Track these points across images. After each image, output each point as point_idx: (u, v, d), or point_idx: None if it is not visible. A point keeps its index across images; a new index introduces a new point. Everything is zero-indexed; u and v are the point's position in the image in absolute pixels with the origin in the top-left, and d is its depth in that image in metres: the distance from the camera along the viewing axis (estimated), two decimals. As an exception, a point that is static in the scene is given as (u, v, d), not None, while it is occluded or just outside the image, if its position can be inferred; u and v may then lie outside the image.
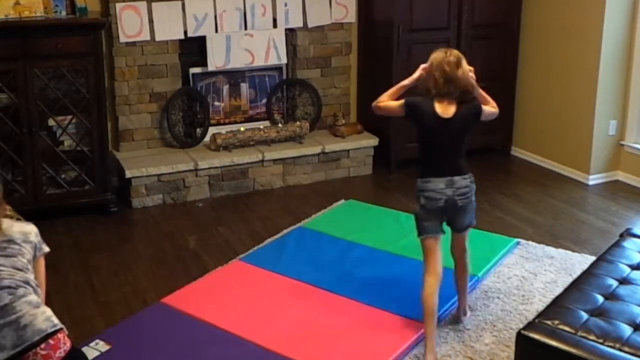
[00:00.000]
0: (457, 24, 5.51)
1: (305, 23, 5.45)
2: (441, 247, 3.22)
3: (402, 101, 3.21)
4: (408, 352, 3.19)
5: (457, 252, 3.36)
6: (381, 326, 3.35)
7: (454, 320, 3.44)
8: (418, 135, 3.24)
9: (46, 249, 2.49)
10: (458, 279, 3.41)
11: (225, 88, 5.46)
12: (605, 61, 5.14)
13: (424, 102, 3.14)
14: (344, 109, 5.74)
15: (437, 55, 3.14)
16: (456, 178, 3.15)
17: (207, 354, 3.15)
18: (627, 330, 2.54)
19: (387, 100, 3.26)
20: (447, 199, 3.14)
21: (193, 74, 5.30)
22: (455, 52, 3.16)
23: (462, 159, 3.22)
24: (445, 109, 3.11)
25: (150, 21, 4.97)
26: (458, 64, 3.08)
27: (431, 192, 3.14)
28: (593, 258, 3.54)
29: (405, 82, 3.28)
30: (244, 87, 5.52)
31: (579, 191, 5.20)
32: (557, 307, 2.70)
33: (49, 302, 3.54)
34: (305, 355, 3.13)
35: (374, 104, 3.31)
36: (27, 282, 2.27)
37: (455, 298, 3.58)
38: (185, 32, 5.09)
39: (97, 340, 3.19)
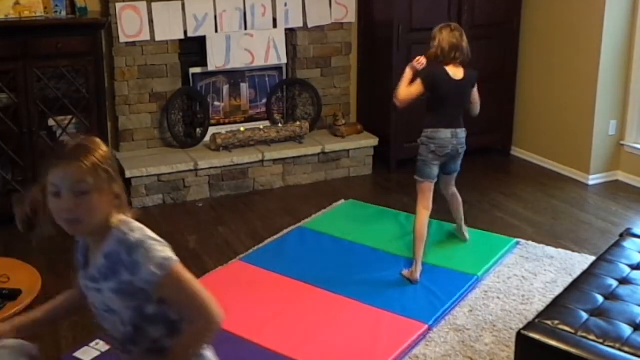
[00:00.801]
0: (457, 23, 5.50)
1: (305, 23, 5.45)
2: (432, 190, 3.89)
3: (418, 81, 3.72)
4: (408, 352, 3.19)
5: (449, 189, 4.08)
6: (381, 326, 3.35)
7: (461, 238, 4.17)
8: (432, 95, 3.78)
9: None
10: (454, 208, 4.15)
11: (225, 88, 5.46)
12: (605, 61, 5.14)
13: (437, 70, 3.72)
14: (344, 109, 5.74)
15: (444, 31, 3.73)
16: (458, 130, 3.82)
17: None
18: (627, 330, 2.54)
19: (405, 89, 3.76)
20: (452, 147, 3.80)
21: (193, 74, 5.30)
22: (457, 25, 3.81)
23: (462, 115, 3.85)
24: (455, 72, 3.73)
25: (150, 21, 4.97)
26: (462, 35, 3.74)
27: (440, 141, 3.78)
28: (593, 258, 3.54)
29: (408, 71, 3.78)
30: (244, 87, 5.52)
31: (579, 191, 5.20)
32: (557, 307, 2.70)
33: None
34: (305, 355, 3.13)
35: (396, 100, 3.81)
36: None
37: (455, 298, 3.59)
38: (185, 32, 5.09)
39: (97, 340, 3.20)
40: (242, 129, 5.30)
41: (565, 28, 5.39)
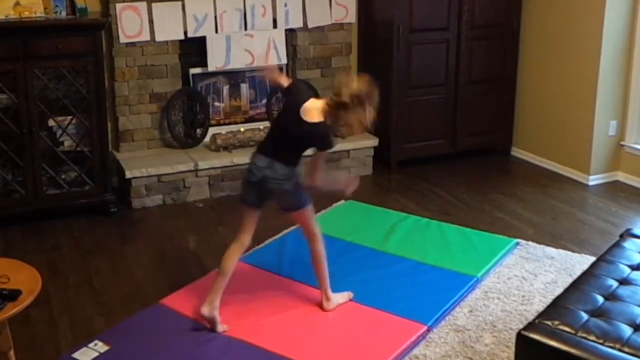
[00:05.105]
0: (457, 24, 5.51)
1: (305, 23, 5.45)
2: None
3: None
4: (408, 352, 3.19)
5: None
6: (381, 326, 3.34)
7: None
8: None
9: None
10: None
11: (225, 88, 5.46)
12: (606, 61, 5.14)
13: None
14: (344, 109, 5.73)
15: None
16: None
17: (206, 355, 3.15)
18: (627, 330, 2.54)
19: None
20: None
21: (193, 75, 5.30)
22: None
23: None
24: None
25: (150, 21, 4.97)
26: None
27: None
28: (593, 258, 3.54)
29: None
30: (244, 87, 5.52)
31: (579, 192, 5.20)
32: (557, 307, 2.70)
33: (49, 303, 3.57)
34: (305, 355, 3.13)
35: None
36: None
37: (454, 299, 3.59)
38: (185, 33, 5.09)
39: (96, 341, 3.19)
40: (242, 129, 5.31)
41: (565, 28, 5.39)
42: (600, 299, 2.76)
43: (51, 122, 4.59)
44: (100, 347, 3.15)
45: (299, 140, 3.26)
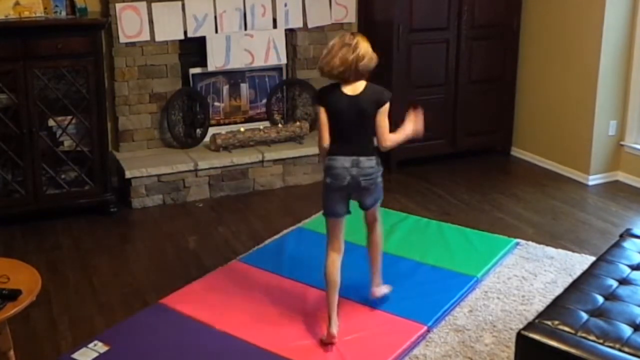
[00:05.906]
0: (457, 24, 5.51)
1: (305, 23, 5.45)
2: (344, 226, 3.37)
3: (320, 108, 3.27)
4: (408, 352, 3.19)
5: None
6: (381, 326, 3.35)
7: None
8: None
9: None
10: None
11: (225, 88, 5.46)
12: (605, 61, 5.14)
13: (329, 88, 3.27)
14: (344, 109, 5.74)
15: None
16: (361, 158, 3.24)
17: (206, 355, 3.15)
18: (627, 330, 2.54)
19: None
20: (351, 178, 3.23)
21: (193, 75, 5.30)
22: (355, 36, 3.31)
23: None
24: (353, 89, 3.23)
25: (150, 21, 4.97)
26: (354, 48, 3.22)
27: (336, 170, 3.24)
28: (593, 258, 3.54)
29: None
30: (244, 87, 5.52)
31: (578, 191, 5.20)
32: (557, 307, 2.70)
33: (49, 303, 3.57)
34: (305, 355, 3.13)
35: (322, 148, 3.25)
36: None
37: (454, 299, 3.59)
38: (185, 33, 5.09)
39: (96, 341, 3.19)
40: (242, 129, 5.31)
41: (565, 28, 5.39)
42: (600, 299, 2.76)
43: (51, 122, 4.59)
44: (100, 347, 3.15)
45: (367, 115, 3.21)
